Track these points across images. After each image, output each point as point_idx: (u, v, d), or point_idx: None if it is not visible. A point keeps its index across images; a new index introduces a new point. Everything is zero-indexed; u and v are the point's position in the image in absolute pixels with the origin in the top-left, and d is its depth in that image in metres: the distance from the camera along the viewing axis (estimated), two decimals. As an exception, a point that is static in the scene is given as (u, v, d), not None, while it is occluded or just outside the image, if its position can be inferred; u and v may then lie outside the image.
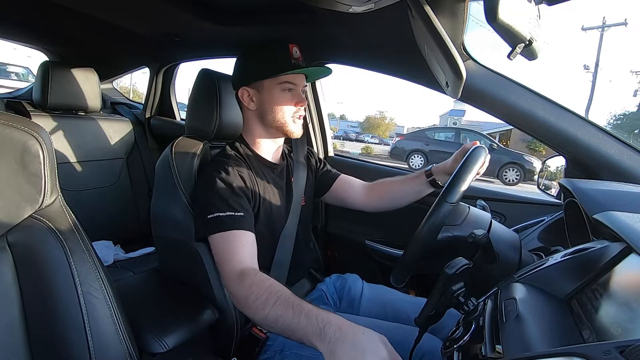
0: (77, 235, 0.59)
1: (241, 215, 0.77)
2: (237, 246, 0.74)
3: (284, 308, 0.60)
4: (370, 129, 32.09)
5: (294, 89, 0.89)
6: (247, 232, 0.77)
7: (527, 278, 0.56)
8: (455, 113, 31.45)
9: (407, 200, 1.03)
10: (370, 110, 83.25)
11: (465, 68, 0.67)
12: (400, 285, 0.77)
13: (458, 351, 0.55)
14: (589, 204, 0.63)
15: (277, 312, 0.60)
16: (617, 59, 62.99)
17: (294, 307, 0.59)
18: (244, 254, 0.74)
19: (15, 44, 1.87)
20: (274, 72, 0.87)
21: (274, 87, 0.88)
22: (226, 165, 0.83)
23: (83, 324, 0.56)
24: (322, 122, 1.50)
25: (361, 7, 0.75)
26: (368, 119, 34.02)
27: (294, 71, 0.87)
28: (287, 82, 0.88)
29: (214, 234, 0.76)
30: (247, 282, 0.68)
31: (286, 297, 0.62)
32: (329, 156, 1.52)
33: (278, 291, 0.63)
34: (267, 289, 0.64)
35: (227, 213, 0.77)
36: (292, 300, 0.61)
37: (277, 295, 0.62)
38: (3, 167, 0.53)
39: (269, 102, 0.88)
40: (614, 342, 0.32)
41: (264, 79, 0.88)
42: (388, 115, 34.53)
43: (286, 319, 0.59)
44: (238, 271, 0.70)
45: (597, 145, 0.86)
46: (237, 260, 0.73)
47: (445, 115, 34.96)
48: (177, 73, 1.93)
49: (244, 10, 1.07)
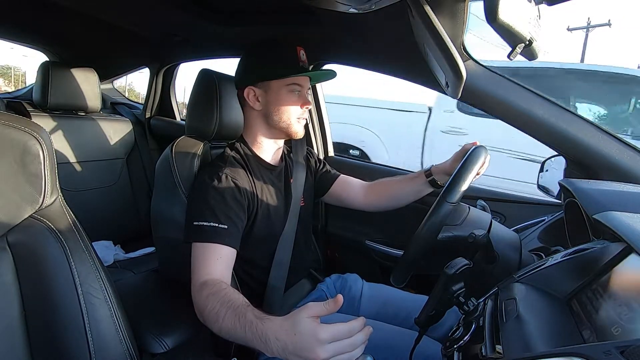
0: (77, 236, 0.59)
1: (224, 227, 0.77)
2: (210, 258, 0.74)
3: (233, 321, 0.60)
4: None
5: (300, 91, 0.90)
6: (225, 246, 0.76)
7: (527, 278, 0.56)
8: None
9: (406, 200, 1.03)
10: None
11: (465, 68, 0.67)
12: (400, 285, 0.77)
13: (458, 351, 0.55)
14: (589, 204, 0.63)
15: (228, 325, 0.60)
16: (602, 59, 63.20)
17: (240, 319, 0.59)
18: (215, 267, 0.74)
19: (14, 44, 1.87)
20: (283, 74, 0.87)
21: (281, 88, 0.88)
22: (220, 171, 0.83)
23: (83, 324, 0.56)
24: (322, 123, 1.50)
25: (361, 7, 0.75)
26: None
27: (304, 74, 0.88)
28: (295, 84, 0.88)
29: (194, 242, 0.77)
30: (205, 292, 0.68)
31: (235, 307, 0.62)
32: (328, 156, 1.52)
33: (229, 301, 0.63)
34: (220, 299, 0.64)
35: (210, 223, 0.76)
36: (240, 311, 0.60)
37: (227, 306, 0.62)
38: (3, 167, 0.53)
39: (275, 102, 0.88)
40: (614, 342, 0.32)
41: (272, 80, 0.88)
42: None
43: (237, 331, 0.59)
44: (201, 282, 0.71)
45: (597, 145, 0.86)
46: (205, 271, 0.73)
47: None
48: (177, 73, 1.93)
49: (244, 10, 1.07)
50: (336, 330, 0.51)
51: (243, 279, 0.90)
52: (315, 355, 0.49)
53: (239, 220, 0.81)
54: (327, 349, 0.49)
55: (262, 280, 0.90)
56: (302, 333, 0.51)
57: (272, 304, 0.89)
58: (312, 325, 0.51)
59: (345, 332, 0.51)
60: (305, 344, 0.50)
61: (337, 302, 0.51)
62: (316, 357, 0.49)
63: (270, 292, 0.90)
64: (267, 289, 0.90)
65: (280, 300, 0.91)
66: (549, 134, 0.90)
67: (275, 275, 0.90)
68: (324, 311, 0.52)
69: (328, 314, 0.52)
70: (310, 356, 0.50)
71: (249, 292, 0.87)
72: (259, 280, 0.91)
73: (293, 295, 0.98)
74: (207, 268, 0.74)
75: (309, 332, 0.50)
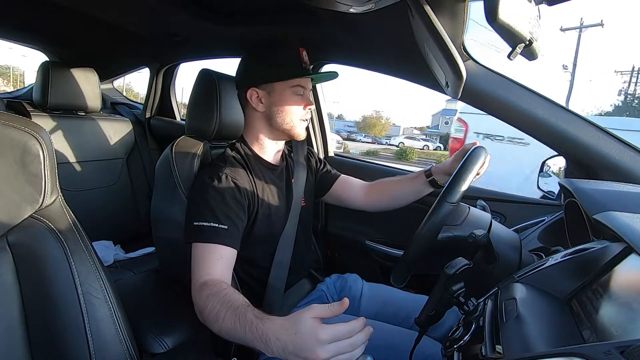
0: (77, 235, 0.59)
1: (224, 227, 0.77)
2: (211, 258, 0.74)
3: (233, 321, 0.60)
4: (367, 129, 32.55)
5: (303, 92, 0.90)
6: (225, 246, 0.76)
7: (527, 278, 0.56)
8: (447, 112, 32.36)
9: (406, 200, 1.03)
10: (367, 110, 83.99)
11: (465, 68, 0.67)
12: (400, 286, 0.77)
13: (458, 351, 0.55)
14: (589, 204, 0.63)
15: (228, 325, 0.60)
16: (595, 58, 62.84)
17: (240, 319, 0.59)
18: (215, 267, 0.74)
19: (14, 43, 1.87)
20: (287, 76, 0.87)
21: (285, 90, 0.88)
22: (220, 171, 0.83)
23: (83, 324, 0.56)
24: (322, 122, 1.50)
25: (361, 7, 0.75)
26: (365, 119, 34.53)
27: (308, 75, 0.88)
28: (299, 85, 0.88)
29: (194, 242, 0.77)
30: (205, 293, 0.68)
31: (235, 307, 0.61)
32: (329, 156, 1.52)
33: (229, 301, 0.63)
34: (220, 299, 0.64)
35: (210, 224, 0.76)
36: (240, 311, 0.60)
37: (227, 307, 0.62)
38: (3, 167, 0.53)
39: (279, 104, 0.88)
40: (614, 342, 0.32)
41: (276, 82, 0.87)
42: (384, 115, 35.16)
43: (237, 331, 0.59)
44: (201, 282, 0.71)
45: (597, 145, 0.86)
46: (205, 272, 0.73)
47: (437, 114, 35.68)
48: (177, 73, 1.94)
49: (244, 10, 1.07)
50: (337, 330, 0.51)
51: (243, 279, 0.90)
52: (315, 356, 0.49)
53: (239, 220, 0.81)
54: (327, 349, 0.49)
55: (262, 280, 0.90)
56: (303, 333, 0.51)
57: (272, 304, 0.89)
58: (314, 325, 0.51)
59: (345, 332, 0.51)
60: (305, 344, 0.50)
61: (343, 305, 0.52)
62: (316, 357, 0.49)
63: (270, 292, 0.90)
64: (267, 289, 0.90)
65: (280, 300, 0.91)
66: (549, 134, 0.90)
67: (275, 275, 0.90)
68: (328, 313, 0.52)
69: (332, 317, 0.52)
70: (310, 356, 0.49)
71: (249, 292, 0.87)
72: (259, 280, 0.91)
73: (293, 296, 0.98)
74: (207, 268, 0.73)
75: (310, 332, 0.50)
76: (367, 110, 79.02)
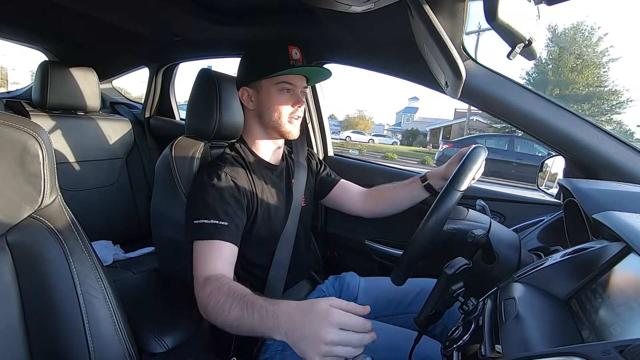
0: (76, 235, 0.59)
1: (225, 224, 0.77)
2: (213, 255, 0.75)
3: (240, 308, 0.60)
4: (350, 127, 32.99)
5: (292, 90, 0.90)
6: (227, 243, 0.77)
7: (526, 278, 0.56)
8: (408, 110, 34.36)
9: (403, 206, 1.05)
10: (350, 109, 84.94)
11: (464, 68, 0.67)
12: (400, 286, 0.77)
13: (457, 351, 0.55)
14: (588, 204, 0.63)
15: (235, 314, 0.61)
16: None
17: (247, 305, 0.60)
18: (217, 264, 0.74)
19: (14, 43, 1.87)
20: (271, 72, 0.87)
21: (271, 87, 0.88)
22: (219, 170, 0.83)
23: (83, 324, 0.56)
24: (322, 123, 1.50)
25: (361, 7, 0.75)
26: (348, 118, 35.35)
27: (291, 71, 0.88)
28: (285, 82, 0.88)
29: (195, 240, 0.77)
30: (208, 288, 0.68)
31: (241, 296, 0.62)
32: (328, 156, 1.52)
33: (234, 292, 0.64)
34: (224, 292, 0.65)
35: (211, 221, 0.77)
36: (247, 299, 0.61)
37: (234, 297, 0.63)
38: (2, 167, 0.53)
39: (266, 101, 0.89)
40: (613, 342, 0.32)
41: (262, 79, 0.88)
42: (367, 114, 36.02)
43: (244, 319, 0.59)
44: (204, 278, 0.71)
45: (597, 145, 0.86)
46: (207, 268, 0.73)
47: (400, 112, 36.93)
48: (176, 72, 1.93)
49: (243, 10, 1.07)
50: (351, 319, 0.51)
51: (243, 278, 0.90)
52: (322, 334, 0.49)
53: (238, 218, 0.81)
54: (336, 333, 0.50)
55: (262, 279, 0.90)
56: (316, 313, 0.52)
57: (272, 303, 0.89)
58: (330, 310, 0.51)
59: (359, 325, 0.51)
60: (316, 324, 0.51)
61: (364, 309, 0.53)
62: (323, 336, 0.49)
63: (269, 292, 0.90)
64: (266, 289, 0.90)
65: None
66: (549, 134, 0.90)
67: (275, 275, 0.90)
68: (347, 307, 0.53)
69: (350, 312, 0.52)
70: (317, 335, 0.50)
71: (249, 291, 0.88)
72: (258, 279, 0.91)
73: (292, 296, 0.98)
74: (209, 265, 0.74)
75: (324, 314, 0.51)
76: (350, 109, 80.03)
